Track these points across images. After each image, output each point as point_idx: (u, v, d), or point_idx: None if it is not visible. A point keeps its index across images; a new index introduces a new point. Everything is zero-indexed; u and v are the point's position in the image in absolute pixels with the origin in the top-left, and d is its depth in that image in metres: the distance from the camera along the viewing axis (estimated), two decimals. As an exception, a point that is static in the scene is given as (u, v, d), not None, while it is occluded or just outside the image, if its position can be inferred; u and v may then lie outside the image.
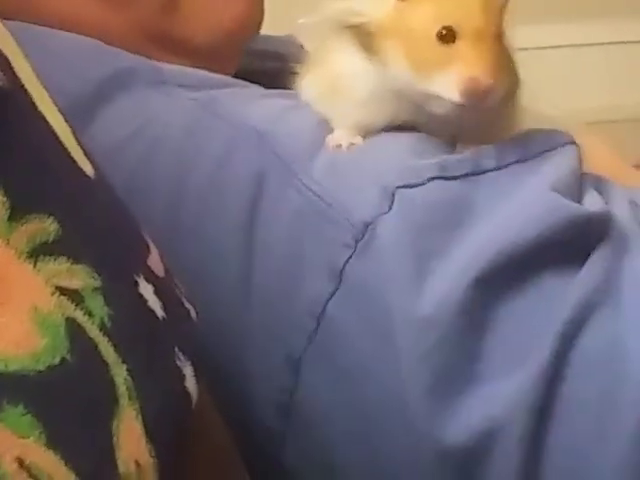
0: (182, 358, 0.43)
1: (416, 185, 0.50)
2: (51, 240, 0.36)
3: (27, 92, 0.40)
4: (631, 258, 0.50)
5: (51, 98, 0.43)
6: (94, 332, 0.36)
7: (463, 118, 0.51)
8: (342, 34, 0.54)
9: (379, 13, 0.52)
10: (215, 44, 0.66)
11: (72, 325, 0.35)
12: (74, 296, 0.36)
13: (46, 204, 0.37)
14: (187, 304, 0.46)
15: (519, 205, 0.49)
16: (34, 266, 0.35)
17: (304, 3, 0.51)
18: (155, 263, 0.44)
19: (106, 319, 0.38)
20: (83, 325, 0.36)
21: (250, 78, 0.63)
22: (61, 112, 0.43)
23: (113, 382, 0.36)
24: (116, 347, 0.37)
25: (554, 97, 0.60)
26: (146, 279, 0.42)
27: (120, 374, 0.37)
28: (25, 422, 0.31)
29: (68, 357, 0.34)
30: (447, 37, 0.49)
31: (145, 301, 0.42)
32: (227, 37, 0.67)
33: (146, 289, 0.42)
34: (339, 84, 0.54)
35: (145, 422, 0.38)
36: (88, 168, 0.43)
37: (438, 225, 0.49)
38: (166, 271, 0.45)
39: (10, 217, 0.35)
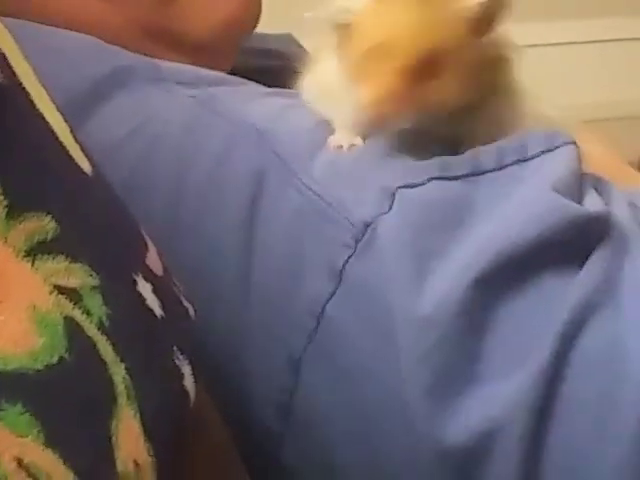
0: (180, 357, 0.43)
1: (416, 185, 0.50)
2: (49, 238, 0.36)
3: (25, 89, 0.40)
4: (631, 259, 0.49)
5: (49, 96, 0.43)
6: (92, 331, 0.36)
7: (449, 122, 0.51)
8: (336, 32, 0.53)
9: (358, 14, 0.51)
10: (212, 39, 0.66)
11: (70, 324, 0.35)
12: (72, 295, 0.36)
13: (44, 202, 0.37)
14: (185, 303, 0.46)
15: (519, 205, 0.49)
16: (32, 264, 0.35)
17: (303, 0, 0.51)
18: (153, 261, 0.44)
19: (104, 318, 0.37)
20: (81, 324, 0.36)
21: (248, 76, 0.63)
22: (59, 110, 0.43)
23: (111, 381, 0.36)
24: (114, 346, 0.37)
25: (552, 94, 0.59)
26: (144, 278, 0.42)
27: (118, 373, 0.37)
28: (23, 421, 0.31)
29: (66, 356, 0.34)
30: (375, 54, 0.49)
31: (143, 300, 0.42)
32: (224, 32, 0.67)
33: (144, 288, 0.42)
34: (338, 84, 0.54)
35: (143, 421, 0.37)
36: (86, 166, 0.42)
37: (438, 225, 0.49)
38: (164, 269, 0.45)
39: (8, 215, 0.35)
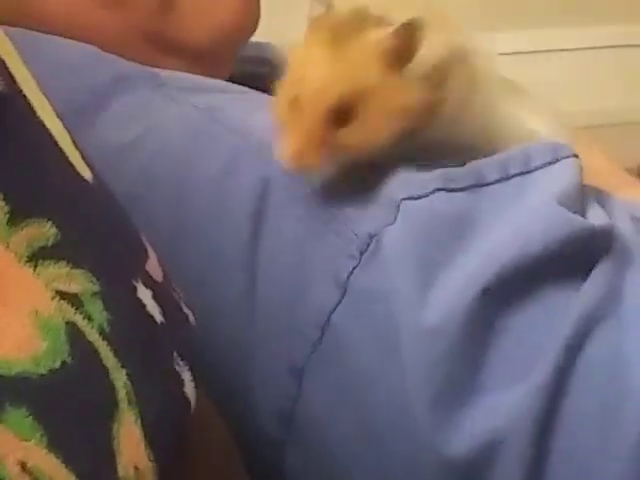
0: (181, 363, 0.43)
1: (420, 197, 0.50)
2: (50, 244, 0.36)
3: (25, 96, 0.40)
4: (634, 272, 0.50)
5: (49, 103, 0.43)
6: (94, 336, 0.36)
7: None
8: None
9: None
10: (211, 46, 0.66)
11: (72, 329, 0.35)
12: (74, 300, 0.36)
13: (45, 209, 0.37)
14: (185, 309, 0.46)
15: (525, 217, 0.49)
16: (34, 270, 0.35)
17: (302, 9, 0.51)
18: (153, 268, 0.44)
19: (105, 324, 0.37)
20: (83, 329, 0.36)
21: (244, 82, 0.63)
22: (59, 117, 0.43)
23: (113, 386, 0.36)
24: (115, 352, 0.37)
25: (551, 101, 0.60)
26: (144, 284, 0.42)
27: (120, 378, 0.37)
28: (27, 425, 0.31)
29: (69, 361, 0.34)
30: (293, 105, 0.49)
31: (144, 306, 0.42)
32: (223, 39, 0.67)
33: (144, 294, 0.42)
34: None
35: (144, 426, 0.37)
36: (86, 173, 0.42)
37: (443, 236, 0.49)
38: (164, 276, 0.45)
39: (9, 221, 0.35)
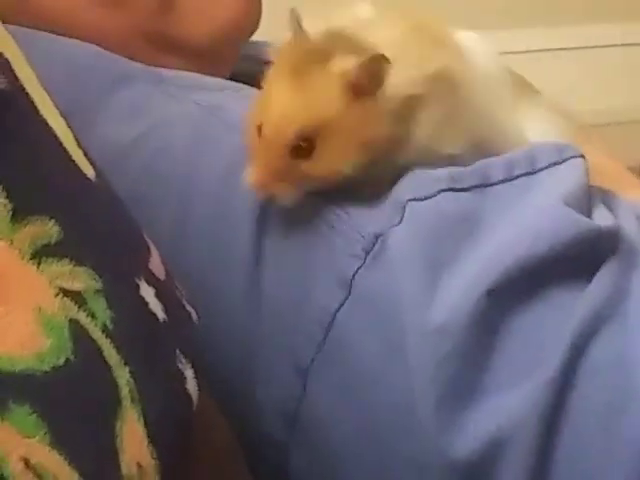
0: (183, 361, 0.43)
1: (426, 198, 0.50)
2: (53, 242, 0.36)
3: (28, 95, 0.40)
4: (639, 272, 0.50)
5: (52, 101, 0.43)
6: (97, 334, 0.36)
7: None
8: None
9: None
10: (212, 44, 0.66)
11: (75, 327, 0.35)
12: (77, 298, 0.36)
13: (48, 207, 0.37)
14: (188, 307, 0.46)
15: (532, 218, 0.49)
16: (37, 267, 0.35)
17: (303, 8, 0.51)
18: (156, 266, 0.44)
19: (108, 321, 0.38)
20: (86, 327, 0.36)
21: (248, 82, 0.63)
22: (62, 115, 0.43)
23: (116, 384, 0.36)
24: (118, 349, 0.37)
25: (555, 100, 0.60)
26: (147, 282, 0.42)
27: (123, 376, 0.37)
28: (31, 422, 0.31)
29: (72, 358, 0.34)
30: (260, 132, 0.49)
31: (146, 304, 0.42)
32: (223, 38, 0.67)
33: (147, 292, 0.42)
34: None
35: (147, 424, 0.37)
36: (89, 171, 0.43)
37: (448, 236, 0.49)
38: (167, 274, 0.45)
39: (12, 218, 0.35)
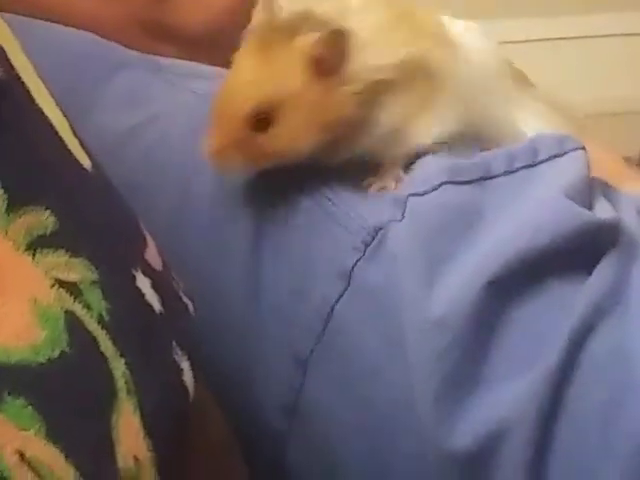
0: (179, 352, 0.43)
1: (427, 192, 0.50)
2: (49, 233, 0.36)
3: (24, 84, 0.40)
4: (639, 265, 0.50)
5: (48, 91, 0.43)
6: (92, 325, 0.36)
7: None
8: None
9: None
10: (207, 33, 0.67)
11: (71, 318, 0.35)
12: (72, 289, 0.36)
13: (43, 197, 0.37)
14: (185, 298, 0.46)
15: (533, 210, 0.49)
16: (33, 258, 0.35)
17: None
18: (153, 257, 0.44)
19: (104, 313, 0.37)
20: (82, 318, 0.36)
21: None
22: (58, 105, 0.43)
23: (112, 376, 0.36)
24: (114, 341, 0.37)
25: (551, 90, 0.59)
26: (143, 272, 0.42)
27: (118, 368, 0.37)
28: (26, 414, 0.31)
29: (68, 350, 0.34)
30: (221, 104, 0.49)
31: (142, 295, 0.42)
32: (219, 26, 0.67)
33: (143, 283, 0.42)
34: None
35: (143, 416, 0.37)
36: (86, 161, 0.42)
37: (449, 228, 0.49)
38: (164, 265, 0.45)
39: (7, 209, 0.35)
